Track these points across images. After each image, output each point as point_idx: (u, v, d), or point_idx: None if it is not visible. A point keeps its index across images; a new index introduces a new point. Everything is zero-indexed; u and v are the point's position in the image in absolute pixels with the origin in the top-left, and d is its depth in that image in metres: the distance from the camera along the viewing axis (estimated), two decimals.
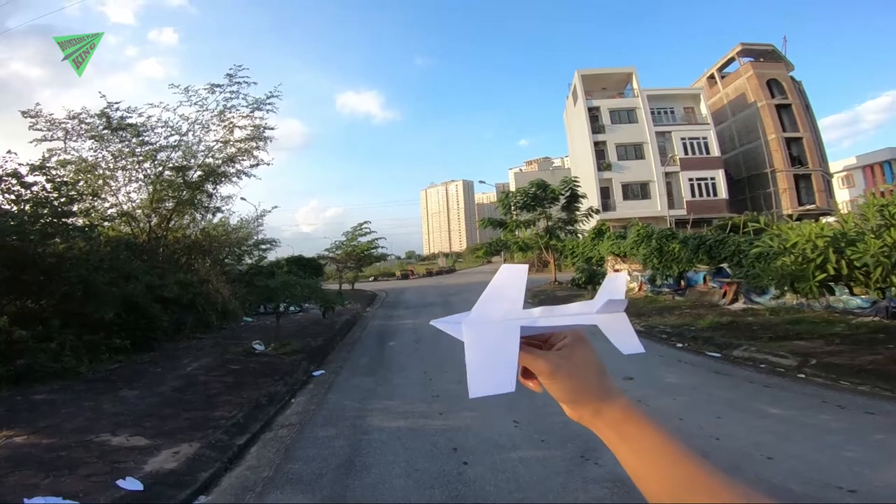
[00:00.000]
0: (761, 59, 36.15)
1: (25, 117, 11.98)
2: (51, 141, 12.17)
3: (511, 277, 0.60)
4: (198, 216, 16.19)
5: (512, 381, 0.48)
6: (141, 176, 13.40)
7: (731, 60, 38.16)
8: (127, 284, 9.16)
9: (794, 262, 6.90)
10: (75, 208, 9.88)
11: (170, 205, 13.94)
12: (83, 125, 12.37)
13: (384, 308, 19.93)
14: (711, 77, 40.30)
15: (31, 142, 11.95)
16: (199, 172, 13.91)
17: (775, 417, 4.58)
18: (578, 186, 23.83)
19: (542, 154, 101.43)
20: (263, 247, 25.13)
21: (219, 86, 13.31)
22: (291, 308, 15.50)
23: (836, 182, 39.06)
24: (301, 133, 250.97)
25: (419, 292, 26.81)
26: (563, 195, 23.39)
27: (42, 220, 8.11)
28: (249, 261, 23.97)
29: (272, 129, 14.55)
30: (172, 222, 14.65)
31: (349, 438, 4.59)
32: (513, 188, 43.20)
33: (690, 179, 33.27)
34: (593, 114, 35.47)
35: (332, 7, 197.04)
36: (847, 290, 7.06)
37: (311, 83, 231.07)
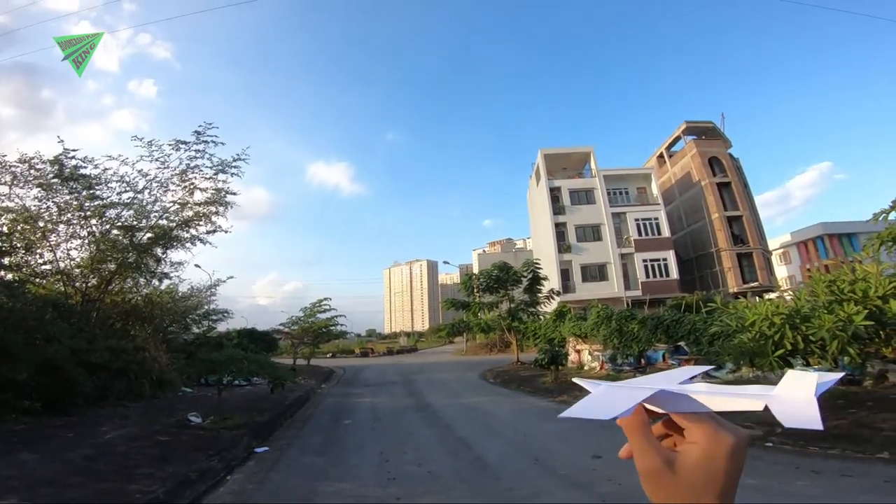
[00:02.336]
0: (703, 137, 39.54)
1: None
2: None
3: (688, 371, 0.59)
4: (142, 281, 15.05)
5: (612, 412, 0.45)
6: (84, 233, 12.35)
7: (678, 139, 41.46)
8: (48, 346, 8.22)
9: (753, 339, 7.21)
10: (6, 261, 9.07)
11: (112, 266, 12.80)
12: (33, 170, 11.47)
13: (341, 385, 18.75)
14: (661, 156, 43.80)
15: None
16: (149, 234, 12.93)
17: (751, 487, 4.36)
18: (540, 269, 24.44)
19: (506, 235, 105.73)
20: (214, 317, 23.97)
21: (185, 143, 12.58)
22: (238, 381, 14.41)
23: (774, 259, 41.89)
24: (267, 202, 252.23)
25: (378, 370, 25.77)
26: (525, 277, 23.84)
27: None
28: (197, 330, 22.62)
29: (235, 194, 13.75)
30: (113, 285, 13.46)
31: None
32: (476, 270, 44.01)
33: (645, 261, 34.75)
34: (554, 194, 37.11)
35: (310, 76, 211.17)
36: (804, 363, 7.33)
37: (282, 151, 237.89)
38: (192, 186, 13.06)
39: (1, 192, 11.17)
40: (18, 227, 11.19)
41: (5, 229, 10.00)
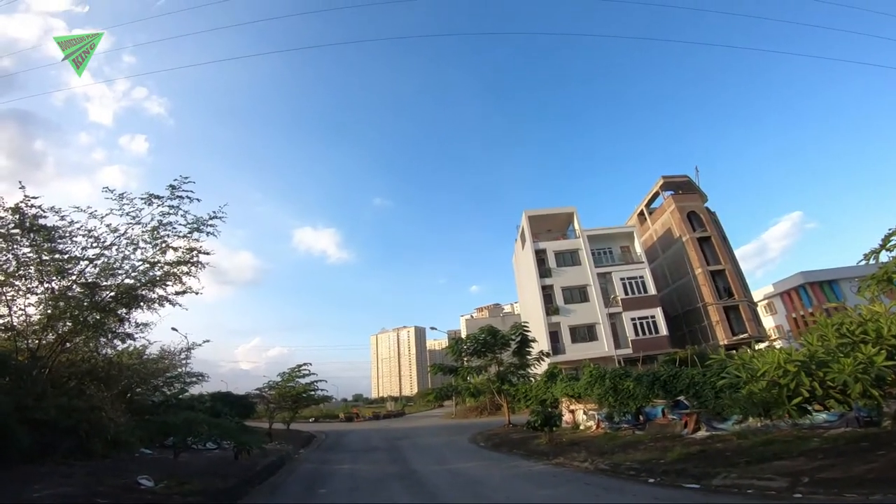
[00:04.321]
0: (680, 191, 40.69)
1: None
2: None
3: None
4: (103, 341, 13.71)
5: None
6: (41, 289, 11.37)
7: (657, 195, 42.63)
8: None
9: (764, 389, 6.87)
10: None
11: (67, 326, 11.67)
12: None
13: (321, 451, 17.30)
14: (641, 213, 44.85)
15: None
16: (112, 293, 11.88)
17: None
18: (528, 331, 24.01)
19: (493, 300, 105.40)
20: (188, 380, 22.71)
21: (158, 197, 11.86)
22: (205, 445, 13.18)
23: (760, 310, 41.75)
24: (253, 268, 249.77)
25: (363, 435, 24.15)
26: (513, 340, 23.36)
27: None
28: (168, 392, 21.27)
29: (208, 254, 12.89)
30: (69, 344, 12.29)
31: None
32: (464, 334, 43.25)
33: (633, 319, 34.56)
34: (540, 257, 37.52)
35: (299, 138, 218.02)
36: (821, 409, 6.91)
37: (270, 215, 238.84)
38: (164, 245, 12.22)
39: None
40: None
41: None
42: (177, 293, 12.72)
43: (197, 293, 12.99)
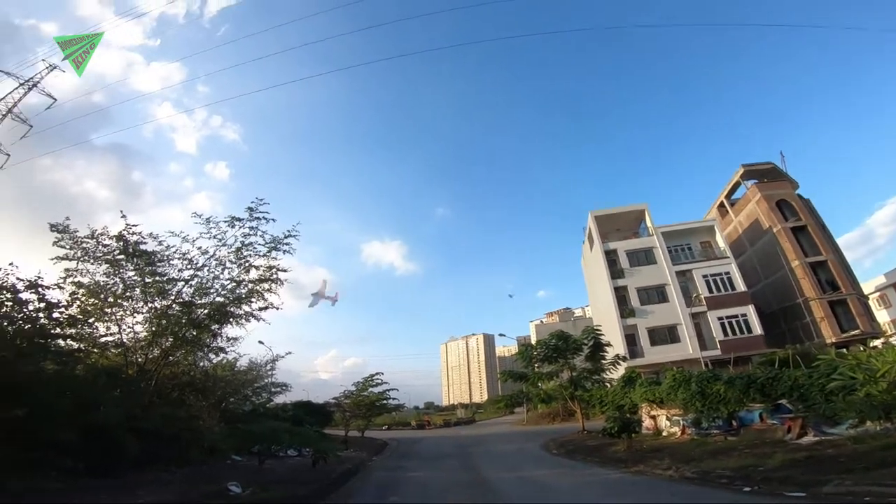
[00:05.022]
0: (765, 180, 36.89)
1: (52, 231, 11.78)
2: (70, 260, 11.77)
3: None
4: (199, 354, 15.16)
5: None
6: (145, 309, 12.59)
7: (738, 185, 39.03)
8: (97, 412, 8.40)
9: (886, 390, 5.99)
10: (71, 331, 9.61)
11: (170, 341, 12.87)
12: (101, 247, 12.03)
13: (393, 458, 17.68)
14: (722, 206, 41.20)
15: (51, 259, 11.59)
16: (205, 311, 12.98)
17: None
18: (601, 335, 22.92)
19: (562, 304, 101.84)
20: (274, 390, 24.37)
21: (239, 219, 12.91)
22: (290, 451, 13.96)
23: (872, 303, 36.80)
24: (328, 282, 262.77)
25: (434, 443, 24.42)
26: (586, 345, 22.41)
27: (22, 339, 7.77)
28: (257, 401, 22.90)
29: (286, 270, 13.76)
30: (171, 358, 13.57)
31: None
32: (534, 340, 42.33)
33: (720, 318, 31.76)
34: (611, 257, 35.72)
35: (360, 157, 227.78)
36: None
37: (339, 231, 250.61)
38: (247, 264, 13.23)
39: (75, 268, 11.71)
40: (85, 300, 11.55)
41: (66, 302, 10.40)
42: (260, 309, 13.64)
43: (278, 308, 13.92)
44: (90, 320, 11.52)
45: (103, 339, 12.29)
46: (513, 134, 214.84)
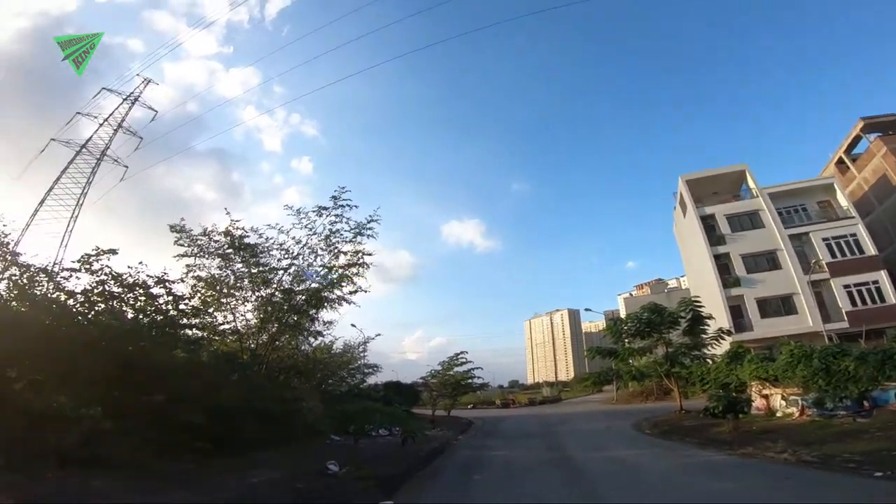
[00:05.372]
0: (890, 133, 31.48)
1: (172, 232, 13.34)
2: (189, 256, 13.41)
3: None
4: (301, 339, 16.51)
5: None
6: (254, 298, 14.04)
7: (857, 139, 33.86)
8: (219, 394, 9.47)
9: None
10: (195, 321, 10.98)
11: (275, 327, 14.20)
12: (212, 242, 13.42)
13: (478, 437, 18.10)
14: (840, 162, 35.67)
15: (174, 256, 13.31)
16: (303, 297, 14.11)
17: None
18: (701, 307, 21.04)
19: (653, 275, 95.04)
20: (366, 371, 25.85)
21: (325, 208, 13.79)
22: (381, 431, 14.85)
23: None
24: (410, 265, 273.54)
25: (518, 421, 24.56)
26: (683, 318, 20.72)
27: (156, 330, 8.94)
28: (351, 382, 24.42)
29: (371, 254, 14.61)
30: (277, 343, 15.01)
31: None
32: (623, 314, 40.28)
33: (846, 286, 27.71)
34: (708, 223, 32.77)
35: (432, 139, 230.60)
36: None
37: (419, 214, 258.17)
38: (336, 251, 14.21)
39: (193, 263, 13.39)
40: (204, 291, 13.14)
41: (189, 294, 11.79)
42: (350, 293, 14.64)
43: (366, 291, 14.86)
44: (210, 310, 12.93)
45: (221, 327, 13.73)
46: (591, 101, 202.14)
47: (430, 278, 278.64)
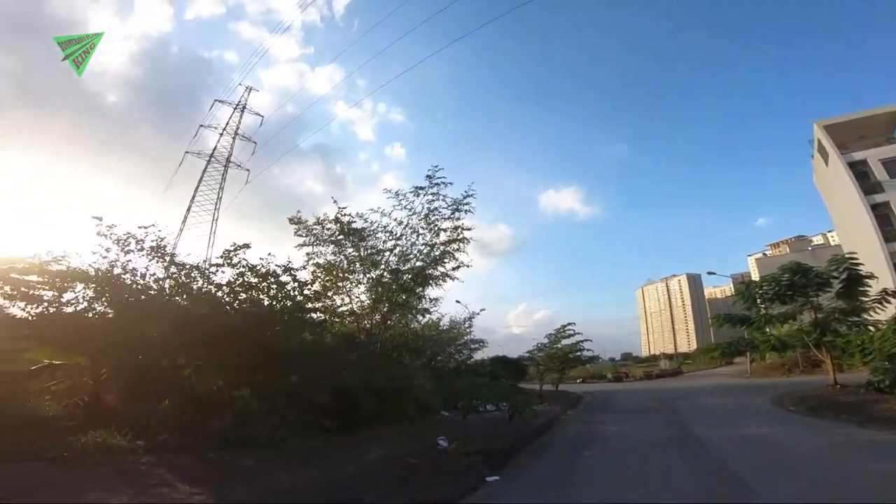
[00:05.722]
0: None
1: (291, 223, 14.57)
2: (307, 245, 14.45)
3: None
4: (409, 317, 17.33)
5: None
6: (365, 280, 15.03)
7: None
8: (341, 375, 10.40)
9: None
10: (318, 305, 12.18)
11: (386, 307, 15.10)
12: (325, 230, 14.39)
13: (587, 412, 17.70)
14: None
15: (295, 246, 14.60)
16: (409, 276, 14.82)
17: None
18: (858, 265, 17.71)
19: (792, 233, 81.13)
20: (473, 346, 26.37)
21: (421, 188, 14.27)
22: (488, 406, 15.21)
23: None
24: (509, 237, 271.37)
25: (632, 396, 23.44)
26: (834, 278, 17.65)
27: (287, 315, 10.02)
28: (459, 359, 25.18)
29: (470, 229, 14.91)
30: (389, 322, 15.94)
31: None
32: (755, 277, 35.62)
33: None
34: (859, 170, 28.40)
35: (521, 110, 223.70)
36: None
37: (515, 187, 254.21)
38: (436, 228, 14.75)
39: (310, 251, 14.63)
40: (322, 277, 14.15)
41: (310, 280, 12.74)
42: (453, 268, 15.21)
43: (468, 266, 15.35)
44: (328, 293, 14.17)
45: (340, 309, 15.00)
46: (693, 53, 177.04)
47: (531, 250, 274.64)
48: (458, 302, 25.72)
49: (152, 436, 6.65)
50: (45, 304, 8.62)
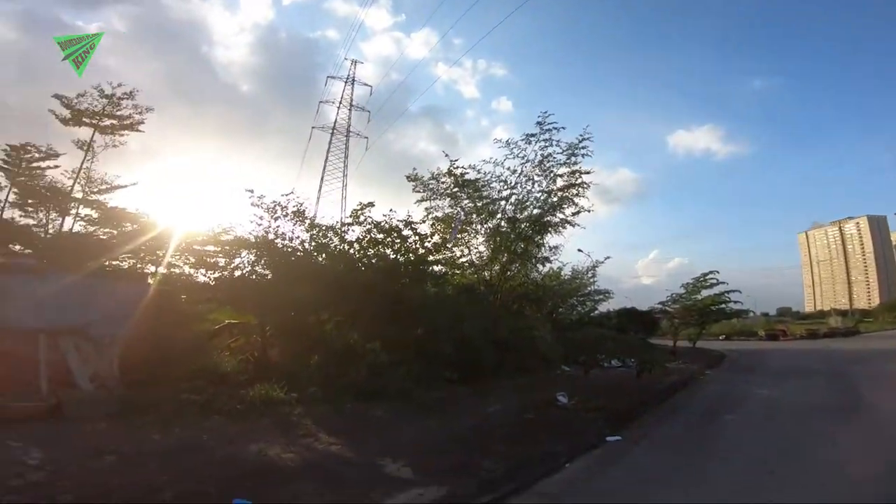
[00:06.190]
0: None
1: (409, 181, 15.22)
2: (425, 201, 14.95)
3: None
4: (529, 266, 16.97)
5: None
6: (482, 230, 15.14)
7: None
8: (462, 325, 10.56)
9: None
10: (438, 257, 12.65)
11: (505, 256, 15.03)
12: (440, 184, 14.73)
13: (731, 372, 15.89)
14: None
15: (415, 202, 15.22)
16: (526, 224, 14.68)
17: None
18: None
19: None
20: (596, 297, 24.95)
21: (532, 135, 13.83)
22: (613, 362, 14.60)
23: None
24: (634, 181, 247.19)
25: (791, 356, 20.44)
26: None
27: (410, 267, 10.47)
28: (581, 310, 24.21)
29: (588, 173, 14.30)
30: (509, 272, 15.85)
31: None
32: None
33: None
34: None
35: (641, 48, 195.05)
36: None
37: (637, 130, 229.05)
38: (551, 174, 14.30)
39: (430, 206, 15.07)
40: (441, 229, 14.21)
41: (430, 233, 12.84)
42: (573, 214, 14.84)
43: (589, 211, 14.89)
44: (448, 245, 14.11)
45: (460, 261, 15.25)
46: None
47: (661, 194, 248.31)
48: (580, 250, 24.25)
49: (303, 388, 7.51)
50: (221, 270, 10.33)
